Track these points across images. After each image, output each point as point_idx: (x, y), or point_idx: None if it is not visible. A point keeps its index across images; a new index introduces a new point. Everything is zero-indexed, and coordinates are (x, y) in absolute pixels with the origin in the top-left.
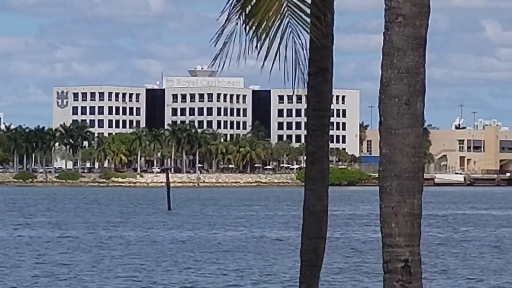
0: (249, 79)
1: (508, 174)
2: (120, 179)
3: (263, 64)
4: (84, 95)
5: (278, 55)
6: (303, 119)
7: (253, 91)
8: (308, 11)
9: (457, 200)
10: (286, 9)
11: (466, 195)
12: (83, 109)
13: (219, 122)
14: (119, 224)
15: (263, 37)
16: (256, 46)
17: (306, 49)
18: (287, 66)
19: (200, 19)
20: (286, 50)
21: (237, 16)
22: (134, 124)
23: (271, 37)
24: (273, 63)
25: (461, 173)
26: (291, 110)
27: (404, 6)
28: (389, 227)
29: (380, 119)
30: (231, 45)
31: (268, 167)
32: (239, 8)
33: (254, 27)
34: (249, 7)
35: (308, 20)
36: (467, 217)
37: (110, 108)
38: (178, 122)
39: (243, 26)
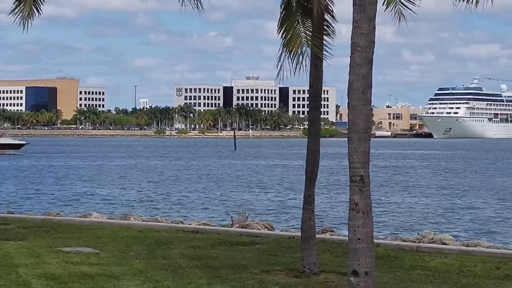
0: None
1: (414, 131)
2: (208, 134)
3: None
4: (190, 90)
5: (297, 65)
6: (307, 102)
7: (280, 88)
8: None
9: (386, 145)
10: (304, 40)
11: (392, 142)
12: (190, 97)
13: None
14: (207, 157)
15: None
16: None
17: (309, 64)
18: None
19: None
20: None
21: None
22: (218, 106)
23: (297, 56)
24: (294, 71)
25: (389, 131)
26: (302, 98)
27: (360, 40)
28: (352, 158)
29: (348, 101)
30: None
31: (287, 127)
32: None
33: (289, 51)
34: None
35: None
36: (392, 155)
37: (201, 96)
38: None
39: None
